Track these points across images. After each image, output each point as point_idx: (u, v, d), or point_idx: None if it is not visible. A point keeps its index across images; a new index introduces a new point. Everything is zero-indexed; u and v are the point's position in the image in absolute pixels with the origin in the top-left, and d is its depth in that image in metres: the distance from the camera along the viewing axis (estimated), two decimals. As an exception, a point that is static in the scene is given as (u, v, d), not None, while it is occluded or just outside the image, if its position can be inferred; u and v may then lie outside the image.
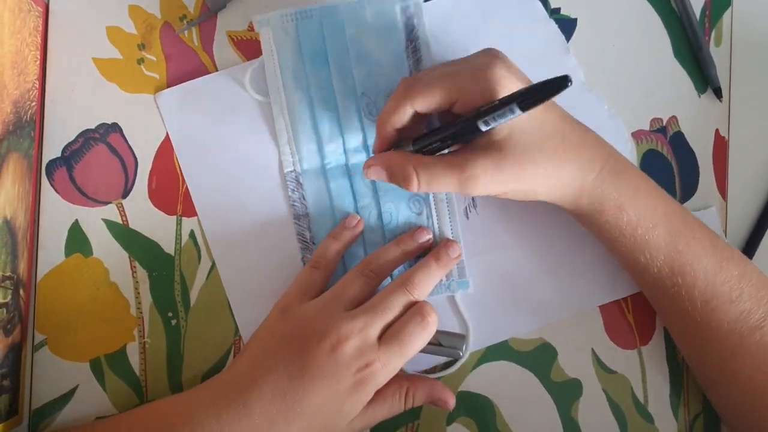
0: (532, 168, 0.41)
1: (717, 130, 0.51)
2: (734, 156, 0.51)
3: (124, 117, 0.49)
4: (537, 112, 0.39)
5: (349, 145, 0.48)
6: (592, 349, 0.49)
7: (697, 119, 0.51)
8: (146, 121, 0.49)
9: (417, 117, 0.42)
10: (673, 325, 0.46)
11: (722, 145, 0.51)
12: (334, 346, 0.40)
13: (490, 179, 0.41)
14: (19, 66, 0.45)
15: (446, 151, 0.43)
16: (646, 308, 0.50)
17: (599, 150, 0.43)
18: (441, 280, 0.47)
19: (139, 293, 0.49)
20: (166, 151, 0.49)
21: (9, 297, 0.45)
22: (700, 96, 0.51)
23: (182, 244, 0.49)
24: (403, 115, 0.42)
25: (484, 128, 0.38)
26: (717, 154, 0.51)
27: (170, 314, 0.49)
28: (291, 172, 0.48)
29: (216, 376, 0.44)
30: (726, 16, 0.52)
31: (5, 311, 0.44)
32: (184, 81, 0.49)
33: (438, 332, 0.44)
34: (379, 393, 0.42)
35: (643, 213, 0.43)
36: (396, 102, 0.42)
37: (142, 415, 0.44)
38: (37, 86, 0.49)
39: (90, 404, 0.48)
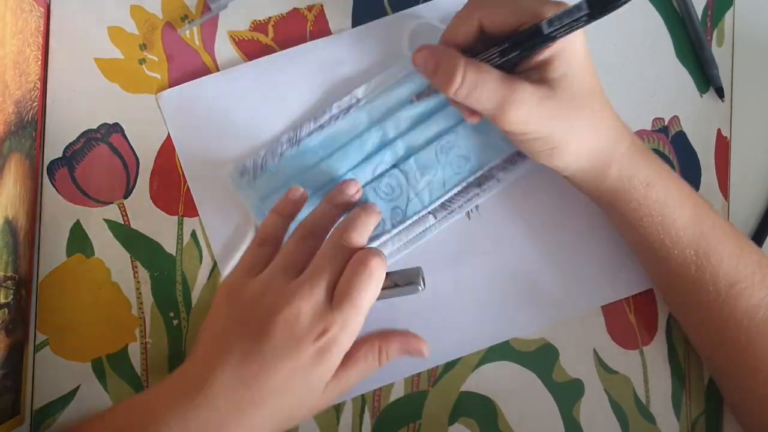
0: (576, 115, 0.40)
1: (719, 130, 0.51)
2: (736, 156, 0.51)
3: (125, 117, 0.49)
4: (588, 68, 0.39)
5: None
6: (594, 350, 0.49)
7: (699, 119, 0.51)
8: (148, 121, 0.49)
9: (480, 37, 0.41)
10: (690, 316, 0.46)
11: (724, 145, 0.51)
12: (287, 319, 0.38)
13: (532, 110, 0.39)
14: (20, 66, 0.45)
15: None
16: (649, 308, 0.50)
17: (628, 128, 0.43)
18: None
19: (140, 293, 0.49)
20: (167, 152, 0.49)
21: (10, 297, 0.45)
22: (702, 96, 0.51)
23: (184, 244, 0.49)
24: (470, 28, 0.40)
25: (547, 29, 0.36)
26: (719, 154, 0.51)
27: (172, 314, 0.49)
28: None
29: (175, 371, 0.41)
30: (728, 15, 0.52)
31: (7, 311, 0.44)
32: (186, 81, 0.49)
33: (389, 274, 0.42)
34: (350, 356, 0.40)
35: (671, 192, 0.42)
36: (463, 14, 0.40)
37: (111, 416, 0.42)
38: (39, 86, 0.49)
39: (91, 404, 0.48)
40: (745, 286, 0.42)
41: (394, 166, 0.48)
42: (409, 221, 0.48)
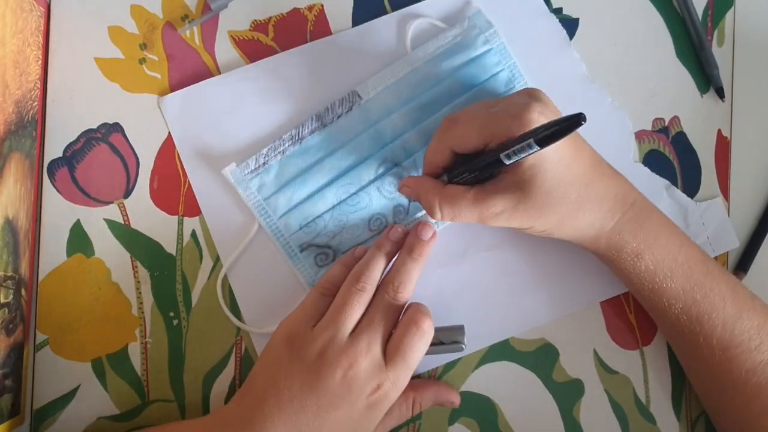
0: (551, 212, 0.42)
1: (719, 131, 0.51)
2: (736, 156, 0.51)
3: (125, 117, 0.49)
4: (566, 156, 0.41)
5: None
6: (594, 350, 0.49)
7: (699, 119, 0.51)
8: (148, 120, 0.49)
9: (455, 156, 0.44)
10: (690, 369, 0.47)
11: (724, 146, 0.51)
12: (346, 374, 0.41)
13: (509, 217, 0.42)
14: (21, 66, 0.45)
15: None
16: (648, 308, 0.50)
17: (623, 197, 0.43)
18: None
19: (140, 293, 0.49)
20: (167, 151, 0.49)
21: (11, 297, 0.45)
22: (702, 96, 0.51)
23: (184, 244, 0.49)
24: (444, 154, 0.43)
25: (507, 162, 0.39)
26: (719, 154, 0.51)
27: (172, 314, 0.49)
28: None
29: (222, 409, 0.43)
30: (728, 16, 0.51)
31: (7, 311, 0.44)
32: (186, 81, 0.49)
33: (436, 331, 0.44)
34: None
35: (661, 262, 0.43)
36: (435, 142, 0.44)
37: None
38: (39, 86, 0.49)
39: (92, 404, 0.48)
40: (741, 351, 0.43)
41: (397, 164, 0.48)
42: (411, 219, 0.48)
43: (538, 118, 0.39)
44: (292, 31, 0.50)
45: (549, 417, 0.49)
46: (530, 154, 0.38)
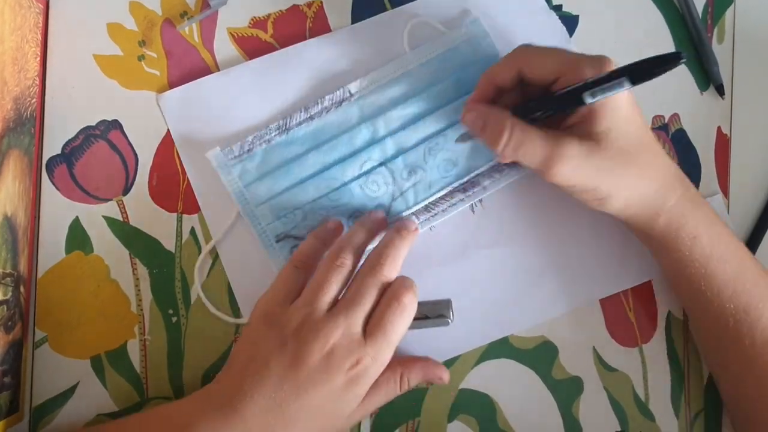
0: (622, 170, 0.41)
1: (719, 128, 0.51)
2: (736, 153, 0.51)
3: (124, 114, 0.49)
4: (637, 117, 0.40)
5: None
6: (594, 347, 0.49)
7: (699, 116, 0.51)
8: (147, 117, 0.49)
9: (520, 85, 0.42)
10: (726, 366, 0.46)
11: (724, 143, 0.51)
12: (323, 348, 0.40)
13: (578, 166, 0.40)
14: (19, 63, 0.45)
15: None
16: (648, 306, 0.50)
17: (681, 176, 0.43)
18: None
19: (139, 290, 0.49)
20: (166, 148, 0.49)
21: (9, 294, 0.45)
22: (702, 93, 0.51)
23: (183, 241, 0.49)
24: (511, 73, 0.41)
25: (589, 100, 0.37)
26: (719, 151, 0.51)
27: (171, 311, 0.49)
28: None
29: (206, 388, 0.43)
30: (728, 12, 0.51)
31: (6, 308, 0.44)
32: (185, 78, 0.49)
33: (420, 305, 0.43)
34: (374, 382, 0.42)
35: (716, 246, 0.43)
36: (508, 60, 0.42)
37: (138, 423, 0.43)
38: (38, 83, 0.48)
39: (91, 401, 0.48)
40: None
41: (382, 163, 0.48)
42: (391, 220, 0.48)
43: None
44: (292, 28, 0.50)
45: (548, 414, 0.49)
46: (616, 93, 0.36)
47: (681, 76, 0.51)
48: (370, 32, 0.50)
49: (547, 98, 0.40)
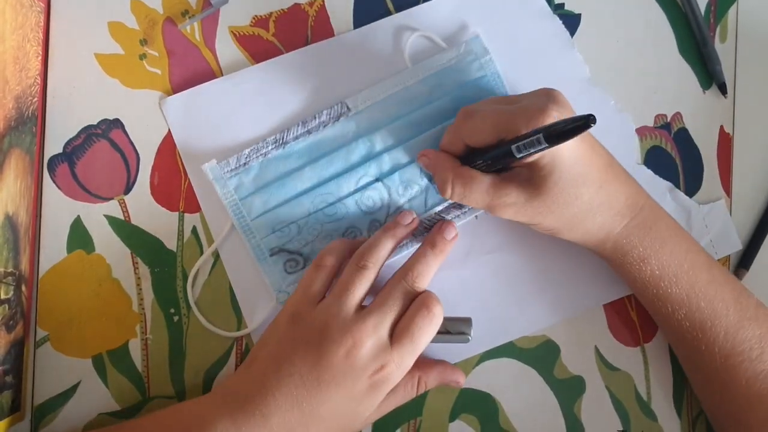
0: (561, 211, 0.42)
1: (722, 127, 0.51)
2: (739, 152, 0.51)
3: (125, 113, 0.49)
4: (582, 156, 0.41)
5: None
6: (596, 347, 0.49)
7: (701, 115, 0.51)
8: (148, 116, 0.49)
9: (469, 149, 0.44)
10: (692, 374, 0.47)
11: (727, 142, 0.51)
12: (349, 352, 0.40)
13: (519, 210, 0.42)
14: (20, 62, 0.45)
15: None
16: (650, 305, 0.49)
17: (633, 201, 0.44)
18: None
19: (141, 289, 0.49)
20: (168, 147, 0.49)
21: (11, 293, 0.45)
22: (704, 92, 0.51)
23: (184, 240, 0.49)
24: (458, 146, 0.44)
25: (517, 155, 0.39)
26: (721, 150, 0.51)
27: (172, 310, 0.49)
28: None
29: (225, 384, 0.43)
30: (731, 11, 0.51)
31: (7, 307, 0.44)
32: (187, 76, 0.49)
33: (444, 319, 0.44)
34: None
35: (666, 268, 0.43)
36: (450, 134, 0.45)
37: (156, 420, 0.43)
38: (39, 82, 0.48)
39: (92, 400, 0.48)
40: (742, 360, 0.43)
41: (378, 179, 0.48)
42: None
43: (556, 119, 0.39)
44: (293, 27, 0.50)
45: (550, 414, 0.49)
46: (540, 150, 0.38)
47: (683, 74, 0.51)
48: (370, 41, 0.50)
49: (487, 155, 0.42)
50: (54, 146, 0.49)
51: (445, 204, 0.48)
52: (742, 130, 0.51)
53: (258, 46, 0.50)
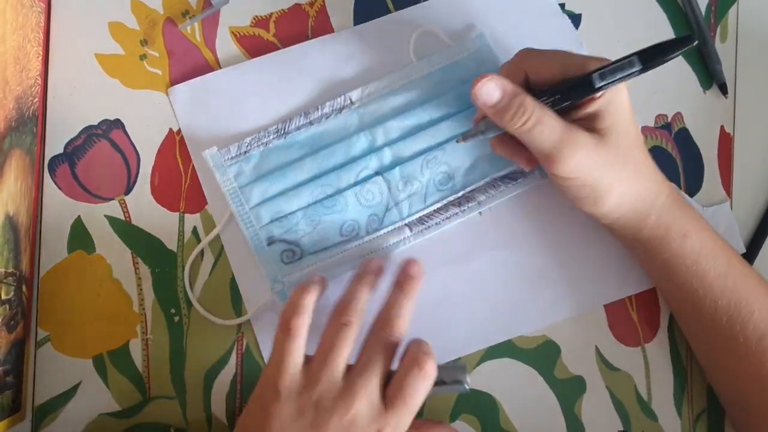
0: (622, 165, 0.41)
1: (722, 127, 0.51)
2: (739, 152, 0.51)
3: (126, 113, 0.49)
4: (632, 122, 0.41)
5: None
6: (596, 347, 0.49)
7: (702, 116, 0.51)
8: (149, 117, 0.49)
9: (527, 87, 0.42)
10: (719, 365, 0.46)
11: (727, 142, 0.51)
12: (343, 419, 0.39)
13: (586, 155, 0.40)
14: (21, 62, 0.45)
15: None
16: (651, 305, 0.49)
17: (665, 178, 0.44)
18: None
19: (141, 290, 0.49)
20: (168, 147, 0.49)
21: (12, 293, 0.45)
22: (705, 92, 0.51)
23: (185, 241, 0.49)
24: (518, 78, 0.42)
25: (599, 83, 0.38)
26: (722, 150, 0.51)
27: (173, 311, 0.49)
28: None
29: None
30: (732, 11, 0.51)
31: (8, 308, 0.44)
32: (187, 77, 0.49)
33: (439, 368, 0.42)
34: None
35: (705, 243, 0.43)
36: (512, 65, 0.42)
37: None
38: (40, 82, 0.48)
39: (93, 400, 0.48)
40: None
41: (378, 173, 0.48)
42: (384, 230, 0.48)
43: None
44: (294, 27, 0.50)
45: (550, 414, 0.49)
46: (626, 77, 0.36)
47: (684, 74, 0.51)
48: (375, 36, 0.50)
49: (558, 88, 0.40)
50: (54, 146, 0.49)
51: (444, 201, 0.48)
52: (742, 130, 0.51)
53: (258, 47, 0.50)
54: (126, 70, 0.49)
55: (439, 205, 0.48)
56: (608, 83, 0.38)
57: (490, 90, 0.40)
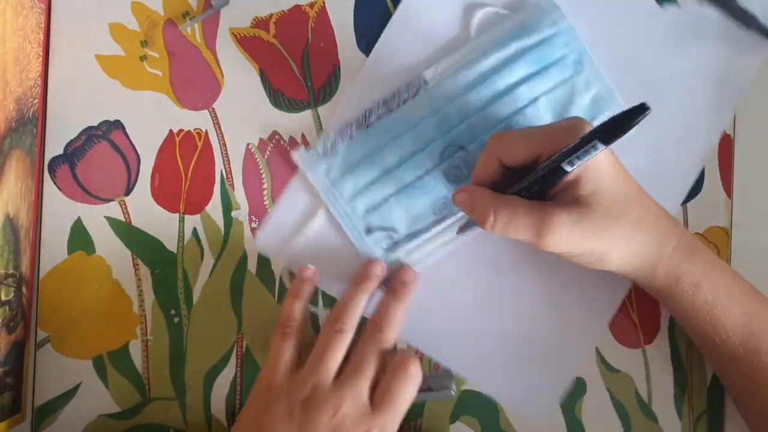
0: (615, 229, 0.40)
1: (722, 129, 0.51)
2: (740, 155, 0.51)
3: (126, 114, 0.49)
4: (620, 171, 0.40)
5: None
6: (596, 348, 0.49)
7: (702, 117, 0.51)
8: (149, 118, 0.49)
9: (507, 171, 0.42)
10: (746, 402, 0.46)
11: (728, 144, 0.51)
12: (331, 420, 0.40)
13: (569, 233, 0.39)
14: (21, 63, 0.45)
15: None
16: (651, 307, 0.49)
17: (674, 224, 0.43)
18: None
19: (141, 291, 0.49)
20: (168, 148, 0.49)
21: (12, 295, 0.45)
22: (705, 93, 0.51)
23: (185, 242, 0.49)
24: (492, 168, 0.41)
25: (568, 168, 0.37)
26: (722, 152, 0.50)
27: (173, 312, 0.49)
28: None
29: None
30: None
31: (8, 309, 0.44)
32: (187, 78, 0.49)
33: (424, 377, 0.44)
34: None
35: (719, 292, 0.42)
36: (484, 156, 0.42)
37: None
38: (40, 83, 0.48)
39: (93, 402, 0.48)
40: None
41: (462, 147, 0.48)
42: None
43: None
44: (294, 29, 0.50)
45: (551, 415, 0.49)
46: (593, 156, 0.36)
47: (684, 76, 0.51)
48: (435, 20, 0.49)
49: (530, 176, 0.40)
50: (55, 147, 0.49)
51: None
52: (743, 132, 0.51)
53: (259, 48, 0.50)
54: (126, 71, 0.49)
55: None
56: (578, 165, 0.37)
57: (461, 199, 0.42)
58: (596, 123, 0.45)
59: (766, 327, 0.42)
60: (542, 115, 0.47)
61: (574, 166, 0.37)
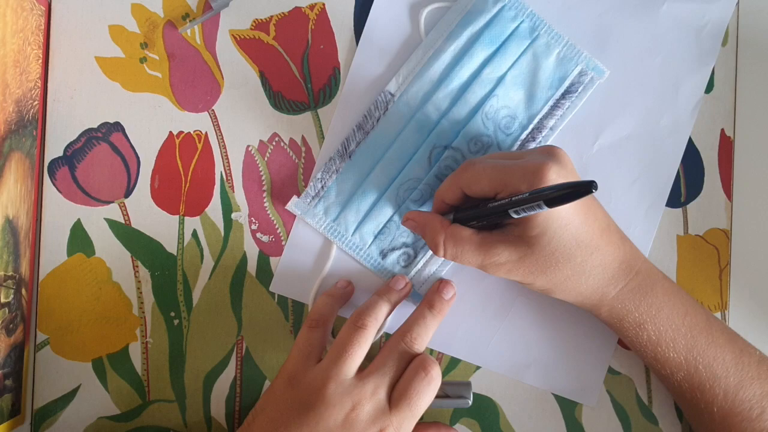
0: (554, 272, 0.42)
1: (722, 130, 0.51)
2: (740, 156, 0.51)
3: (126, 116, 0.49)
4: (576, 219, 0.41)
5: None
6: (596, 350, 0.49)
7: (702, 118, 0.50)
8: (149, 120, 0.49)
9: (467, 197, 0.44)
10: (695, 427, 0.47)
11: (728, 145, 0.51)
12: (348, 415, 0.40)
13: (511, 269, 0.42)
14: (21, 65, 0.45)
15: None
16: (651, 309, 0.49)
17: (628, 265, 0.43)
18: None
19: (141, 293, 0.49)
20: (168, 150, 0.49)
21: (11, 296, 0.45)
22: (705, 95, 0.51)
23: (185, 244, 0.49)
24: (455, 194, 0.44)
25: (514, 216, 0.39)
26: (722, 154, 0.50)
27: (173, 314, 0.49)
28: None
29: None
30: (732, 14, 0.51)
31: (7, 311, 0.44)
32: (187, 80, 0.49)
33: (443, 384, 0.44)
34: None
35: (663, 333, 0.43)
36: (450, 182, 0.44)
37: None
38: (40, 85, 0.48)
39: (92, 404, 0.48)
40: (740, 420, 0.43)
41: (447, 146, 0.48)
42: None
43: (555, 179, 0.39)
44: (294, 30, 0.50)
45: (551, 418, 0.49)
46: (537, 213, 0.38)
47: (684, 78, 0.51)
48: (382, 33, 0.50)
49: (483, 211, 0.42)
50: (54, 149, 0.49)
51: (518, 142, 0.48)
52: (743, 133, 0.51)
53: (259, 50, 0.50)
54: (126, 73, 0.49)
55: (514, 149, 0.48)
56: (522, 216, 0.39)
57: (410, 226, 0.46)
58: (567, 83, 0.48)
59: (710, 365, 0.43)
60: (511, 92, 0.48)
61: (520, 216, 0.39)
